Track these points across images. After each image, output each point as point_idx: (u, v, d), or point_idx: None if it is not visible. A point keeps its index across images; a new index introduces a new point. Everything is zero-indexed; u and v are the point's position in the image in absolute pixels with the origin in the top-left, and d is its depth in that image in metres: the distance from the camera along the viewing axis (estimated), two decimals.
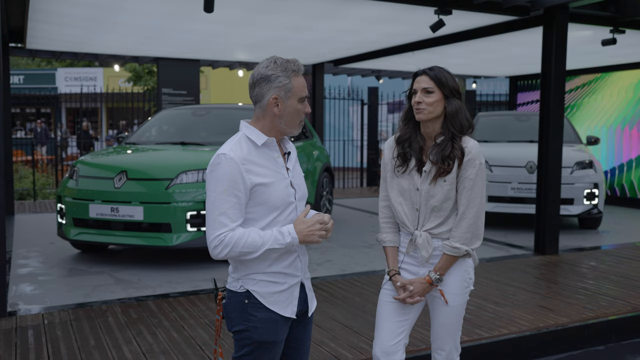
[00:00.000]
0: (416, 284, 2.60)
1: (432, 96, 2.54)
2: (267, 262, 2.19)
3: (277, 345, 2.24)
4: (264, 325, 2.19)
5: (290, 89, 2.19)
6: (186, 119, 7.54)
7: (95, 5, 6.62)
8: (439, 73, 2.56)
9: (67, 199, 6.13)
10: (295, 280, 2.26)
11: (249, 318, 2.19)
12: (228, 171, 2.11)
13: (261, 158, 2.19)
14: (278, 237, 2.13)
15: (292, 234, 2.15)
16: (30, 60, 26.00)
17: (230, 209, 2.11)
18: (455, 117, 2.54)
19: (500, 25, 7.67)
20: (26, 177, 13.12)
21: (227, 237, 2.10)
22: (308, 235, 2.17)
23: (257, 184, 2.14)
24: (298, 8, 6.81)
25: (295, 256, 2.25)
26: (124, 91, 15.95)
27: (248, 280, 2.20)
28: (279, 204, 2.19)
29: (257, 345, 2.19)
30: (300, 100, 2.22)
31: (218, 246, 2.11)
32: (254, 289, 2.20)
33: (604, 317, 4.60)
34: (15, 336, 4.08)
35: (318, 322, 4.34)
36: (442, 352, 2.72)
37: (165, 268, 6.06)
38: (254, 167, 2.15)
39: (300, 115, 2.25)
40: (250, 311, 2.19)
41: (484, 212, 2.62)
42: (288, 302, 2.24)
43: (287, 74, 2.19)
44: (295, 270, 2.26)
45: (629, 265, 6.27)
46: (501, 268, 6.09)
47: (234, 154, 2.13)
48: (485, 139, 9.10)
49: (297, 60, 2.22)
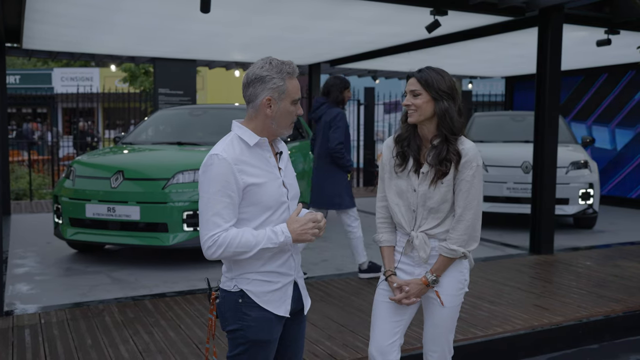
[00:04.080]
0: (412, 285, 2.61)
1: (420, 98, 2.55)
2: (261, 261, 2.20)
3: (271, 344, 2.25)
4: (258, 324, 2.20)
5: (285, 91, 2.20)
6: (182, 119, 7.55)
7: (92, 6, 6.63)
8: (426, 75, 2.56)
9: (64, 198, 6.14)
10: (288, 279, 2.27)
11: (243, 317, 2.20)
12: (221, 172, 2.12)
13: (253, 158, 2.20)
14: (271, 237, 2.14)
15: (285, 233, 2.16)
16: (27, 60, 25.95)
17: (223, 209, 2.12)
18: (443, 118, 2.54)
19: (496, 25, 7.70)
20: (22, 177, 13.11)
21: (221, 238, 2.11)
22: (301, 234, 2.18)
23: (250, 184, 2.15)
24: (294, 8, 6.82)
25: (289, 255, 2.26)
26: (120, 91, 15.93)
27: (242, 279, 2.21)
28: (272, 204, 2.20)
29: (251, 344, 2.21)
30: (293, 103, 2.23)
31: (212, 246, 2.12)
32: (247, 288, 2.21)
33: (598, 316, 4.63)
34: (12, 336, 4.09)
35: (314, 320, 4.36)
36: (434, 354, 2.71)
37: (161, 268, 6.07)
38: (247, 168, 2.16)
39: (292, 117, 2.26)
40: (244, 310, 2.20)
41: (481, 214, 2.62)
42: (282, 301, 2.25)
43: (281, 76, 2.19)
44: (288, 269, 2.27)
45: (624, 265, 6.30)
46: (496, 267, 6.12)
47: (226, 154, 2.14)
48: (481, 139, 9.12)
49: (292, 63, 2.23)
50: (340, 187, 5.47)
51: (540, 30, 6.80)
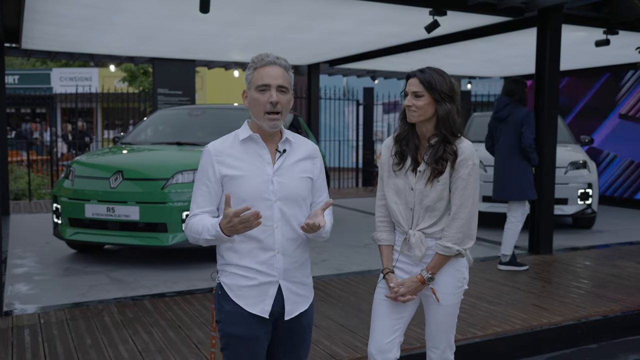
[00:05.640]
0: (408, 283, 2.62)
1: (422, 100, 2.56)
2: (238, 254, 2.22)
3: (249, 341, 2.21)
4: (230, 318, 2.21)
5: (251, 80, 2.24)
6: (182, 119, 7.55)
7: (92, 6, 6.63)
8: (429, 76, 2.57)
9: (63, 198, 6.14)
10: (268, 278, 2.22)
11: (220, 309, 2.25)
12: (203, 162, 2.26)
13: (241, 152, 2.23)
14: (209, 228, 2.14)
15: (215, 227, 2.11)
16: (25, 60, 25.94)
17: (199, 197, 2.25)
18: (446, 120, 2.56)
19: (495, 26, 7.71)
20: (21, 177, 13.10)
21: (190, 222, 2.24)
22: (231, 230, 2.07)
23: (226, 175, 2.21)
24: (293, 8, 6.83)
25: (271, 255, 2.22)
26: (119, 91, 15.91)
27: (223, 272, 2.27)
28: (248, 198, 2.17)
29: (228, 338, 2.23)
30: (258, 89, 2.21)
31: (185, 230, 2.26)
32: (224, 280, 2.25)
33: (596, 315, 4.64)
34: (12, 336, 4.09)
35: (313, 320, 4.36)
36: (437, 351, 2.75)
37: (161, 268, 6.08)
38: (228, 159, 2.22)
39: (262, 105, 2.20)
40: (221, 302, 2.24)
41: (477, 213, 2.63)
42: (259, 300, 2.21)
43: (254, 67, 2.23)
44: (269, 268, 2.22)
45: (622, 265, 6.31)
46: (495, 267, 6.12)
47: (212, 146, 2.25)
48: (479, 139, 9.10)
49: (270, 54, 2.24)
50: (526, 180, 5.99)
51: (539, 30, 6.81)
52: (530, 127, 5.94)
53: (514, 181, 5.98)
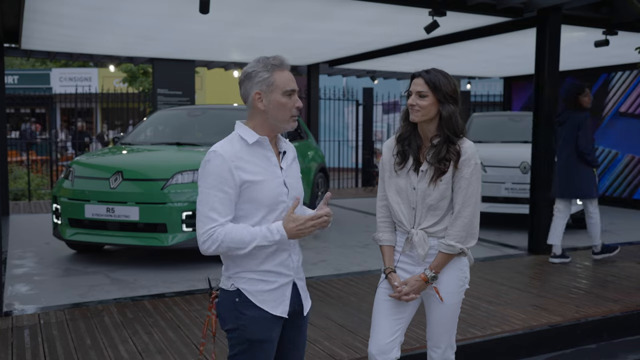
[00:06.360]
0: (411, 282, 2.63)
1: (426, 100, 2.58)
2: (258, 260, 2.20)
3: (269, 344, 2.24)
4: (254, 323, 2.20)
5: (272, 83, 2.20)
6: (181, 120, 7.55)
7: (91, 6, 6.64)
8: (434, 77, 2.59)
9: (63, 199, 6.14)
10: (286, 279, 2.26)
11: (239, 316, 2.20)
12: (217, 167, 2.14)
13: (252, 156, 2.20)
14: (267, 235, 2.14)
15: (280, 232, 2.15)
16: (25, 60, 25.95)
17: (219, 204, 2.13)
18: (449, 121, 2.59)
19: (494, 26, 7.72)
20: (21, 178, 13.10)
21: (216, 232, 2.12)
22: (297, 233, 2.16)
23: (246, 181, 2.16)
24: (293, 9, 6.83)
25: (287, 255, 2.26)
26: (119, 92, 15.91)
27: (238, 278, 2.21)
28: (268, 202, 2.19)
29: (249, 343, 2.20)
30: (285, 94, 2.21)
31: (207, 241, 2.14)
32: (244, 287, 2.21)
33: (596, 316, 4.65)
34: (12, 336, 4.09)
35: (313, 321, 4.36)
36: (438, 350, 2.76)
37: (160, 268, 6.08)
38: (244, 164, 2.17)
39: (288, 109, 2.23)
40: (240, 309, 2.20)
41: (479, 212, 2.65)
42: (279, 301, 2.24)
43: (267, 69, 2.20)
44: (286, 269, 2.25)
45: (622, 265, 6.32)
46: (495, 267, 6.13)
47: (223, 150, 2.16)
48: (479, 140, 9.13)
49: (280, 56, 2.23)
50: (588, 180, 6.32)
51: (538, 30, 6.82)
52: (586, 131, 6.20)
53: (577, 182, 6.30)
